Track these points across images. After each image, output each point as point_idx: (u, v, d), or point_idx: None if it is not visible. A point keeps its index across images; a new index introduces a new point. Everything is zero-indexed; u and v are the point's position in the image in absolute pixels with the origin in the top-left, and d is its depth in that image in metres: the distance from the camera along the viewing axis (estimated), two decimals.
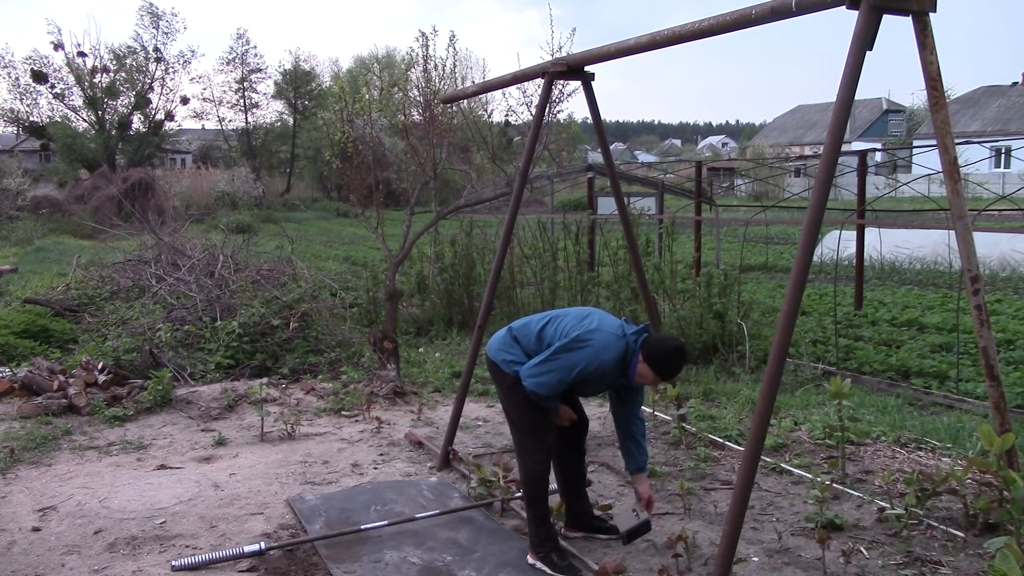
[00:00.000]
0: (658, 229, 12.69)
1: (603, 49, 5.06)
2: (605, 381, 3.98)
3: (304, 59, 46.66)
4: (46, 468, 5.59)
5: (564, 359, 3.86)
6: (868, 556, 4.12)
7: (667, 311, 8.86)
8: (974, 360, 7.88)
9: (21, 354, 8.54)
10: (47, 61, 36.65)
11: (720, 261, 14.43)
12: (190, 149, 54.09)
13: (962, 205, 3.77)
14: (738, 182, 36.84)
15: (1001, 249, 15.04)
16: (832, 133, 3.43)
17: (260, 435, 6.30)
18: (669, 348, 3.89)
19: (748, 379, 7.78)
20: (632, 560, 4.11)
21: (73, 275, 12.65)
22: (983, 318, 3.85)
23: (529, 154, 5.68)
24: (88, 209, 27.18)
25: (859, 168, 11.16)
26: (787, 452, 5.75)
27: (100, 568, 4.11)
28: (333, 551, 4.27)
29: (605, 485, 5.20)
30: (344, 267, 16.24)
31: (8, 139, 46.24)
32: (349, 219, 32.24)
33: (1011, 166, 39.99)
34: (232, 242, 12.63)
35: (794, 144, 60.70)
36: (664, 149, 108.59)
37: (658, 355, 3.87)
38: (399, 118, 9.73)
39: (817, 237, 3.52)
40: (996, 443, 3.90)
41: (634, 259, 6.12)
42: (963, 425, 6.10)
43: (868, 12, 3.37)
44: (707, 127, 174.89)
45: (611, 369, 3.88)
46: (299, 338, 8.73)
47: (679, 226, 12.29)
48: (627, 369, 3.90)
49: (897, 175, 38.15)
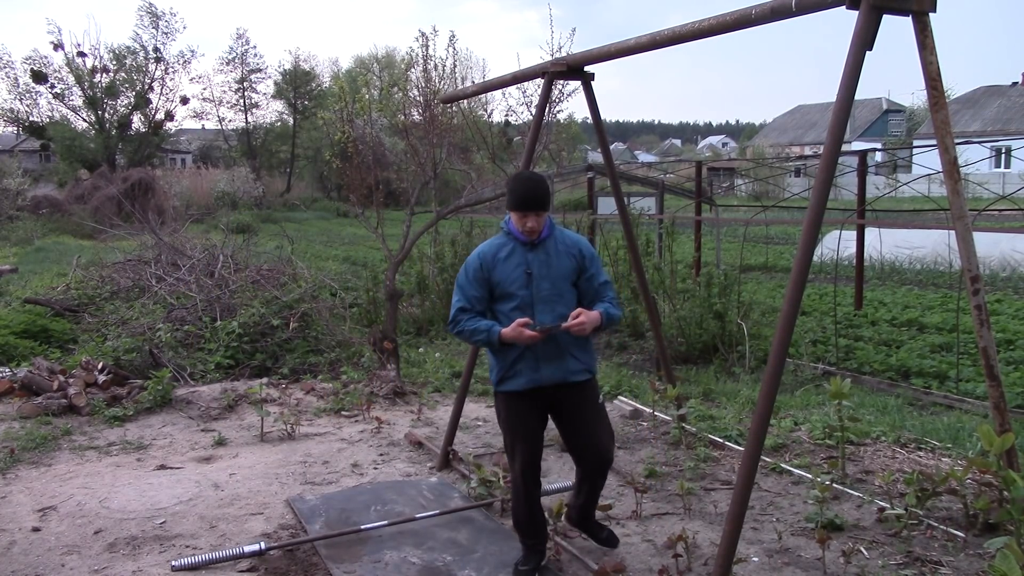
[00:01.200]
0: (658, 229, 12.70)
1: (603, 49, 5.06)
2: (511, 267, 3.84)
3: (304, 59, 46.86)
4: (46, 468, 5.59)
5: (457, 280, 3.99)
6: (868, 556, 4.12)
7: (667, 311, 8.86)
8: (974, 360, 7.88)
9: (21, 354, 8.54)
10: (47, 61, 36.76)
11: (720, 261, 14.43)
12: (190, 149, 54.13)
13: (962, 205, 3.77)
14: (738, 182, 36.85)
15: (1001, 249, 15.04)
16: (832, 133, 3.43)
17: (260, 435, 6.30)
18: (511, 177, 4.01)
19: (748, 379, 7.78)
20: (632, 560, 4.11)
21: (73, 275, 12.65)
22: (983, 318, 3.85)
23: (529, 154, 5.68)
24: (88, 209, 27.18)
25: (859, 168, 11.17)
26: (787, 452, 5.75)
27: (100, 568, 4.11)
28: (333, 551, 4.27)
29: (606, 485, 5.17)
30: (344, 267, 16.24)
31: (8, 139, 46.25)
32: (349, 219, 32.25)
33: (1011, 166, 39.99)
34: (232, 242, 12.63)
35: (794, 144, 60.68)
36: (664, 149, 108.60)
37: (507, 190, 3.91)
38: (399, 118, 9.72)
39: (817, 237, 3.52)
40: (996, 443, 3.90)
41: (634, 259, 6.13)
42: (963, 425, 6.10)
43: (868, 12, 3.37)
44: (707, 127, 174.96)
45: (496, 246, 3.89)
46: (299, 338, 8.73)
47: (679, 226, 12.29)
48: (509, 233, 3.89)
49: (897, 175, 38.14)
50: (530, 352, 3.81)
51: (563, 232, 4.01)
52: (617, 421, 6.57)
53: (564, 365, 3.85)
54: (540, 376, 3.82)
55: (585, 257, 3.93)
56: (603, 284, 3.95)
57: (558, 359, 3.84)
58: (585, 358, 3.92)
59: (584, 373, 3.91)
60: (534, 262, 3.85)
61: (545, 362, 3.83)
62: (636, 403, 6.90)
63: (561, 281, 3.87)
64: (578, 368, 3.88)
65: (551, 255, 3.88)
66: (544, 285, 3.83)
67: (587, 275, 3.93)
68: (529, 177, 3.89)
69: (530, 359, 3.82)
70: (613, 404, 7.05)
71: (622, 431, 6.31)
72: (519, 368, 3.83)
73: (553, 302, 3.82)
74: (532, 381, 3.83)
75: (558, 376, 3.84)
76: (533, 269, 3.84)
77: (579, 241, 3.99)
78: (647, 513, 4.71)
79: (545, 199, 3.83)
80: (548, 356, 3.83)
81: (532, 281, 3.83)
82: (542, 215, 3.84)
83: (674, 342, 8.65)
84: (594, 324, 3.77)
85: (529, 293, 3.82)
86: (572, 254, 3.91)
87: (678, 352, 8.62)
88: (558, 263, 3.87)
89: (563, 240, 3.95)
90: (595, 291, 3.93)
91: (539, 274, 3.84)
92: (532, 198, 3.79)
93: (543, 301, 3.82)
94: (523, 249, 3.87)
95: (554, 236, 3.93)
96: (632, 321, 10.05)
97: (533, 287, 3.82)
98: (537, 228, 3.82)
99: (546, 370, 3.83)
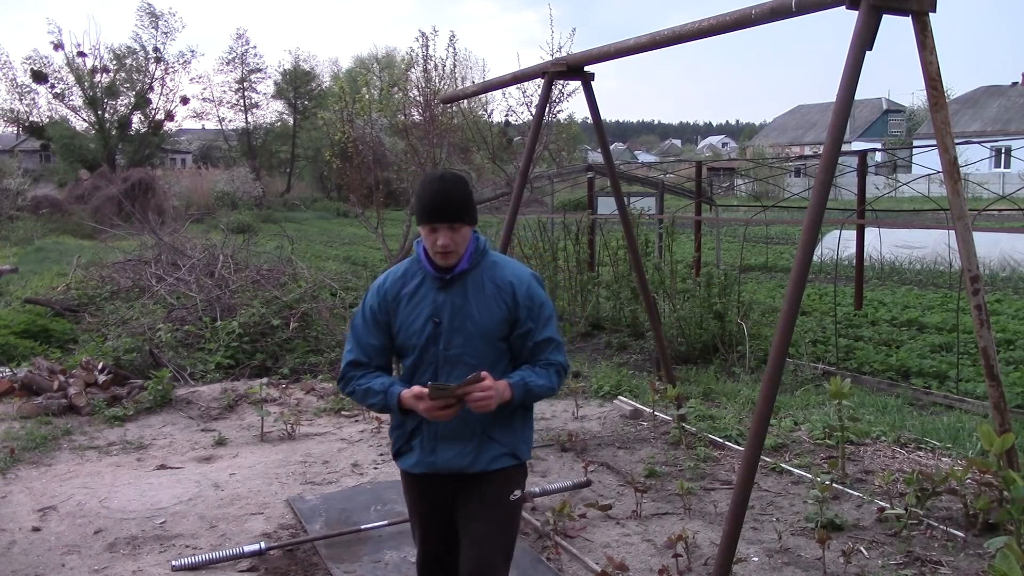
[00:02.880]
0: (658, 229, 12.70)
1: (603, 49, 5.07)
2: (413, 309, 2.78)
3: (304, 59, 46.86)
4: (46, 468, 5.59)
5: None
6: (868, 556, 4.12)
7: (667, 311, 8.86)
8: (974, 360, 7.88)
9: (21, 354, 8.54)
10: (47, 61, 36.80)
11: (720, 261, 14.43)
12: (190, 149, 54.14)
13: (962, 205, 3.77)
14: (738, 182, 36.85)
15: (1001, 249, 15.04)
16: (832, 133, 3.43)
17: (260, 435, 6.30)
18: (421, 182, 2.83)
19: (748, 379, 7.78)
20: (632, 560, 4.11)
21: (73, 275, 12.67)
22: (983, 318, 3.85)
23: (529, 154, 5.68)
24: (88, 209, 27.23)
25: (859, 168, 11.17)
26: (787, 452, 5.75)
27: (100, 568, 4.11)
28: (333, 551, 4.27)
29: (605, 485, 5.19)
30: (344, 267, 16.23)
31: (8, 139, 46.27)
32: (349, 219, 32.25)
33: (1011, 166, 39.95)
34: (232, 242, 12.63)
35: (794, 144, 60.67)
36: (664, 149, 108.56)
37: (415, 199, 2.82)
38: (399, 118, 9.74)
39: (817, 237, 3.52)
40: (996, 443, 3.90)
41: (634, 259, 6.13)
42: (963, 425, 6.10)
43: (868, 12, 3.37)
44: (707, 127, 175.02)
45: (402, 276, 2.82)
46: (299, 338, 8.73)
47: (679, 226, 12.29)
48: (419, 258, 2.81)
49: (897, 175, 38.16)
50: (430, 426, 2.77)
51: (498, 263, 2.84)
52: (617, 421, 6.58)
53: (471, 449, 2.78)
54: (435, 459, 2.80)
55: (519, 303, 2.76)
56: (542, 343, 2.80)
57: (464, 439, 2.77)
58: (507, 439, 2.81)
59: (501, 459, 2.81)
60: (445, 306, 2.74)
61: (445, 442, 2.78)
62: (636, 403, 6.91)
63: (480, 337, 2.74)
64: (492, 454, 2.79)
65: (470, 297, 2.75)
66: (455, 340, 2.74)
67: (520, 330, 2.78)
68: (439, 177, 2.72)
69: (428, 435, 2.80)
70: (613, 404, 7.05)
71: (622, 431, 6.32)
72: (414, 444, 2.83)
73: (464, 366, 2.73)
74: (425, 465, 2.82)
75: (458, 463, 2.78)
76: (442, 316, 2.74)
77: (519, 277, 2.81)
78: (647, 513, 4.71)
79: (462, 205, 2.68)
80: (450, 434, 2.76)
81: (439, 334, 2.75)
82: (460, 229, 2.69)
83: (674, 342, 8.65)
84: (501, 399, 2.67)
85: (435, 351, 2.75)
86: (503, 298, 2.76)
87: (678, 352, 8.62)
88: (480, 309, 2.75)
89: (494, 275, 2.79)
90: (529, 352, 2.81)
91: (450, 325, 2.74)
92: (441, 203, 2.65)
93: (450, 362, 2.75)
94: (433, 284, 2.77)
95: (481, 268, 2.79)
96: (632, 321, 10.06)
97: (440, 342, 2.74)
98: (452, 249, 2.68)
99: (444, 453, 2.79)
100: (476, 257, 2.80)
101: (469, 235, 2.76)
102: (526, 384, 2.75)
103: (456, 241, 2.70)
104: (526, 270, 2.89)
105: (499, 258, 2.89)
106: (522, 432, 2.89)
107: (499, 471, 2.81)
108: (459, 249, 2.72)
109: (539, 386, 2.78)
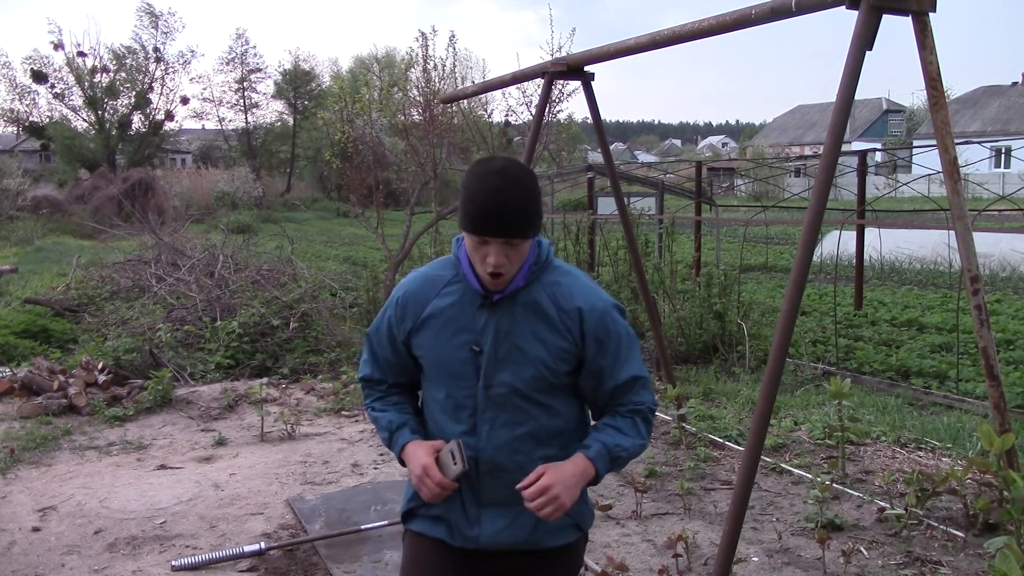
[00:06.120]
0: (658, 229, 12.70)
1: (603, 49, 5.07)
2: (448, 331, 2.09)
3: (304, 59, 46.80)
4: (46, 468, 5.59)
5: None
6: (868, 556, 4.12)
7: (667, 311, 8.86)
8: (974, 360, 7.88)
9: (21, 354, 8.54)
10: (47, 61, 36.79)
11: (720, 261, 14.43)
12: (190, 149, 54.11)
13: (962, 205, 3.77)
14: (738, 182, 36.85)
15: (1001, 249, 15.04)
16: (832, 133, 3.43)
17: (260, 435, 6.30)
18: (470, 168, 2.09)
19: (748, 379, 7.78)
20: (632, 560, 4.11)
21: (73, 275, 12.66)
22: (983, 318, 3.85)
23: (529, 154, 5.68)
24: (88, 209, 27.21)
25: (859, 168, 11.18)
26: (787, 452, 5.75)
27: (100, 568, 4.11)
28: (333, 551, 4.27)
29: (605, 485, 5.18)
30: (344, 267, 16.24)
31: (8, 139, 46.28)
32: (349, 219, 32.23)
33: (1011, 166, 39.95)
34: (232, 242, 12.63)
35: (794, 144, 60.69)
36: (664, 149, 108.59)
37: (461, 189, 2.06)
38: (399, 118, 9.74)
39: (817, 237, 3.52)
40: (996, 443, 3.90)
41: (634, 259, 6.13)
42: (963, 425, 6.10)
43: (868, 12, 3.37)
44: (707, 127, 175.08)
45: (433, 282, 2.16)
46: (299, 338, 8.74)
47: (679, 226, 12.29)
48: (458, 265, 2.16)
49: (897, 175, 38.16)
50: (468, 483, 2.10)
51: (563, 280, 2.12)
52: None
53: (527, 518, 2.09)
54: (479, 533, 2.12)
55: (586, 335, 2.07)
56: (623, 385, 2.12)
57: (517, 503, 2.06)
58: (575, 506, 2.10)
59: (565, 532, 2.17)
60: (488, 329, 2.07)
61: (491, 509, 2.12)
62: None
63: (533, 374, 2.06)
64: (554, 524, 2.11)
65: (520, 319, 2.07)
66: (501, 376, 2.06)
67: (593, 366, 2.10)
68: (500, 169, 1.97)
69: (468, 498, 2.12)
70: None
71: None
72: (441, 509, 2.15)
73: (513, 410, 2.07)
74: (459, 538, 2.14)
75: (511, 538, 2.12)
76: (485, 344, 2.07)
77: (591, 304, 2.09)
78: (647, 513, 4.71)
79: (527, 214, 1.97)
80: (499, 497, 2.10)
81: (480, 366, 2.07)
82: (519, 246, 2.01)
83: (674, 342, 8.65)
84: (576, 489, 2.03)
85: (472, 388, 2.08)
86: (567, 326, 2.07)
87: (678, 352, 8.62)
88: (535, 337, 2.06)
89: (557, 295, 2.09)
90: (608, 396, 2.13)
91: (493, 354, 2.06)
92: (499, 210, 1.94)
93: (496, 408, 2.07)
94: (474, 300, 2.10)
95: (541, 284, 2.09)
96: (632, 321, 10.05)
97: (481, 377, 2.07)
98: (506, 270, 2.01)
99: (491, 524, 2.12)
100: (536, 271, 2.09)
101: (528, 249, 2.06)
102: (610, 452, 2.07)
103: (512, 260, 2.00)
104: (603, 297, 2.13)
105: (567, 271, 2.15)
106: (585, 494, 2.19)
107: (563, 548, 2.16)
108: (514, 269, 2.03)
109: (626, 450, 2.10)
